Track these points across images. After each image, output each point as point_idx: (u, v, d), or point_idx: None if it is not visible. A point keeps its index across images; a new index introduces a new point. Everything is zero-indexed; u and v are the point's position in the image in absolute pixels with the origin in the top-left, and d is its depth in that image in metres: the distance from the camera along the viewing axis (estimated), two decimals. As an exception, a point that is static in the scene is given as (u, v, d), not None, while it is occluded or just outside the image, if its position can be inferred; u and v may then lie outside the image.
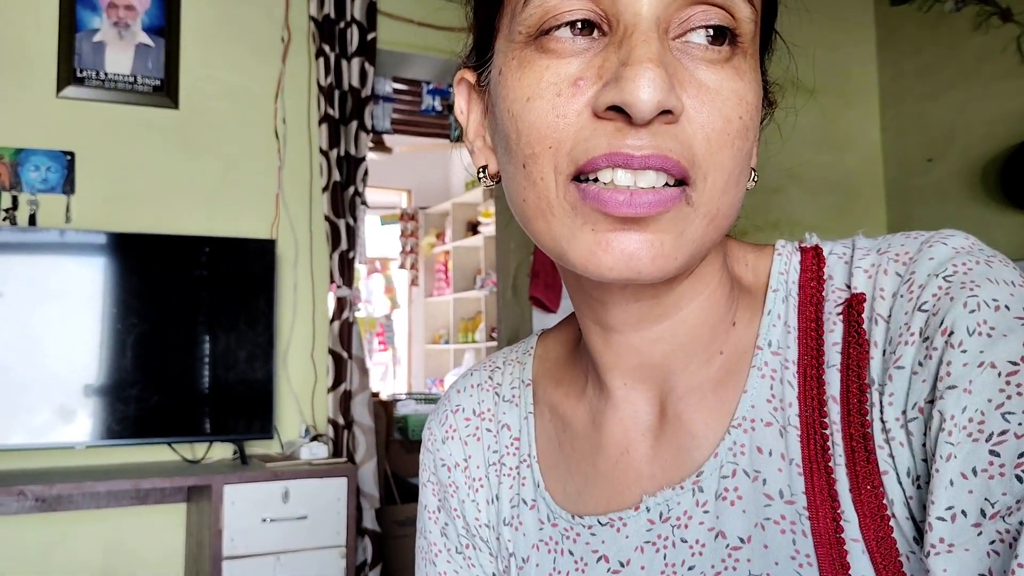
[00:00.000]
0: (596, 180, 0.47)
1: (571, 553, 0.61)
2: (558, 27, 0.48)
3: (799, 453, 0.53)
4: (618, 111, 0.45)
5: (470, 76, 0.58)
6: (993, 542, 0.42)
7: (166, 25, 2.93)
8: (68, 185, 2.74)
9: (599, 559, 0.59)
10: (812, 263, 0.57)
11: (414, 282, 7.22)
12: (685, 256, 0.48)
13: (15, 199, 2.67)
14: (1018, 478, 0.42)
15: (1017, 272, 0.50)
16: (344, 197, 3.06)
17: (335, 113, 3.06)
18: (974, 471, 0.44)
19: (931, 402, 0.47)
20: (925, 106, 4.09)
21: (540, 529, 0.64)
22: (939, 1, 4.01)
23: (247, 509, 2.40)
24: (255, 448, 2.87)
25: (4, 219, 2.64)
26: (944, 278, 0.49)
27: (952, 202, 3.89)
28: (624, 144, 0.45)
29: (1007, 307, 0.47)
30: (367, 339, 6.64)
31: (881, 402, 0.50)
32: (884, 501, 0.49)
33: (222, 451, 2.83)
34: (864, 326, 0.52)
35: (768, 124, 0.60)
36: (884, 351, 0.51)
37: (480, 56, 0.57)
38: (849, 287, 0.54)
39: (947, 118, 3.96)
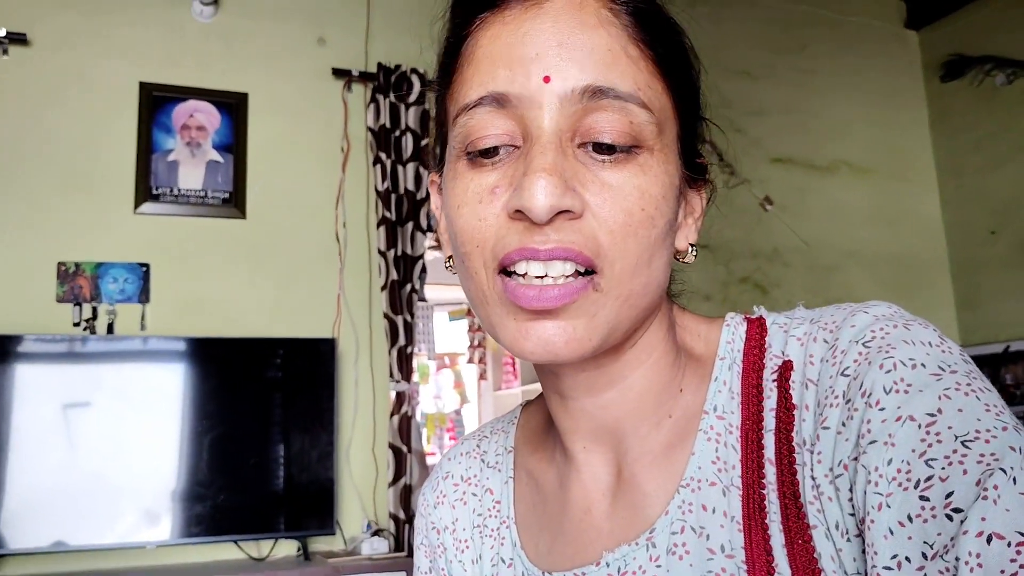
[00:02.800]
0: (514, 273, 0.53)
1: None
2: (481, 149, 0.55)
3: (739, 511, 0.56)
4: (523, 213, 0.52)
5: (436, 178, 0.66)
6: None
7: (234, 142, 3.13)
8: (143, 295, 2.91)
9: None
10: (756, 332, 0.62)
11: (482, 376, 7.26)
12: (599, 337, 0.54)
13: (95, 310, 2.85)
14: (948, 517, 0.44)
15: (936, 333, 0.53)
16: (402, 295, 3.17)
17: (392, 215, 3.20)
18: (909, 518, 0.46)
19: (855, 459, 0.50)
20: (984, 179, 4.05)
21: None
22: (989, 76, 4.01)
23: (309, 605, 2.43)
24: (319, 544, 2.92)
25: (85, 328, 2.81)
26: (863, 344, 0.53)
27: (1019, 270, 3.80)
28: (531, 240, 0.52)
29: (923, 364, 0.50)
30: (437, 434, 6.69)
31: (811, 460, 0.53)
32: (815, 555, 0.52)
33: (287, 548, 2.88)
34: (794, 391, 0.56)
35: (713, 201, 0.66)
36: (814, 413, 0.54)
37: (439, 163, 0.64)
38: (783, 354, 0.58)
39: (1007, 190, 3.92)
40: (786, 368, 0.58)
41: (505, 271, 0.54)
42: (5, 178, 2.81)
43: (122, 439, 2.65)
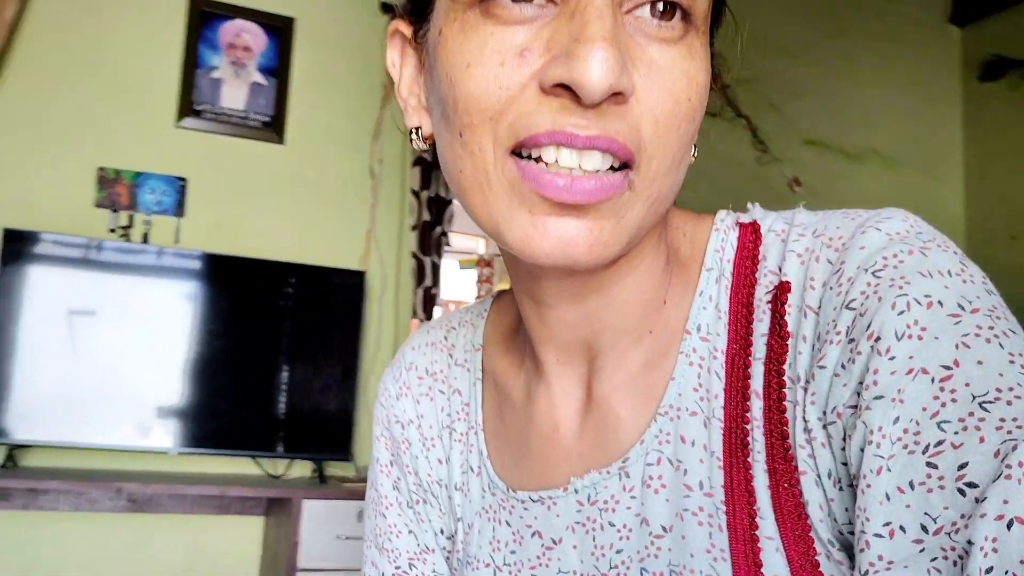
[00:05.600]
0: (538, 159, 0.44)
1: (508, 524, 0.61)
2: None
3: (720, 446, 0.51)
4: (565, 88, 0.42)
5: (405, 29, 0.54)
6: (935, 559, 0.39)
7: (278, 66, 3.13)
8: (179, 208, 2.93)
9: (533, 534, 0.60)
10: (749, 240, 0.53)
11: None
12: (623, 243, 0.46)
13: (131, 218, 2.86)
14: (960, 491, 0.38)
15: (957, 257, 0.46)
16: (432, 236, 3.20)
17: (428, 157, 3.21)
18: (911, 484, 0.40)
19: (854, 411, 0.44)
20: (1011, 183, 4.07)
21: (483, 497, 0.64)
22: (1028, 80, 4.02)
23: (322, 525, 2.50)
24: (333, 470, 2.98)
25: (121, 236, 2.83)
26: (873, 273, 0.45)
27: (1036, 279, 3.85)
28: (569, 123, 0.43)
29: (940, 303, 0.43)
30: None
31: (804, 400, 0.47)
32: (801, 500, 0.47)
33: (301, 470, 2.94)
34: (790, 317, 0.49)
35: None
36: (812, 346, 0.48)
37: (419, 10, 0.52)
38: (780, 272, 0.51)
39: (1033, 196, 3.94)
40: (782, 291, 0.50)
41: (517, 154, 0.45)
42: (52, 82, 2.81)
43: (144, 347, 2.70)
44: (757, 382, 0.50)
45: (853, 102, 4.15)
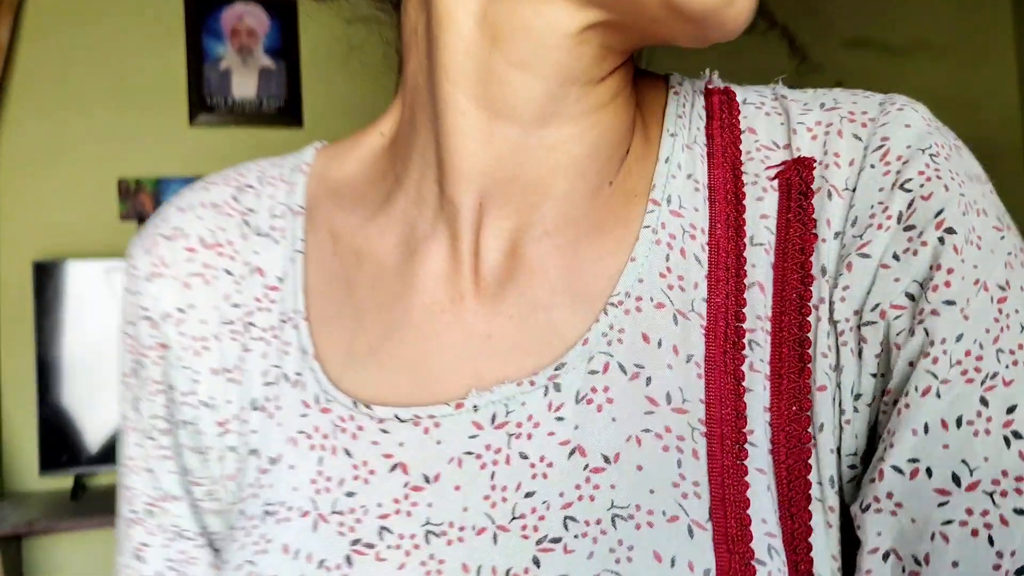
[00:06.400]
0: None
1: (348, 454, 0.42)
2: None
3: (701, 350, 0.40)
4: None
5: None
6: (951, 522, 0.34)
7: (285, 47, 3.01)
8: (206, 210, 2.86)
9: (393, 468, 0.41)
10: (723, 110, 0.45)
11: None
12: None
13: (160, 227, 2.81)
14: (1005, 440, 0.34)
15: (977, 163, 0.41)
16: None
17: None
18: (958, 421, 0.35)
19: (900, 308, 0.37)
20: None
21: (303, 416, 0.44)
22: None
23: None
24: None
25: (151, 247, 2.78)
26: (931, 156, 0.39)
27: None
28: None
29: (985, 211, 0.38)
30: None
31: (832, 296, 0.39)
32: (810, 429, 0.38)
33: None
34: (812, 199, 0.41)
35: None
36: (839, 233, 0.40)
37: None
38: (785, 147, 0.42)
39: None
40: (804, 167, 0.41)
41: None
42: (59, 96, 2.74)
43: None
44: (760, 273, 0.41)
45: (893, -8, 3.91)
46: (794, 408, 0.39)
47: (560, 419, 0.40)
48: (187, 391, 0.48)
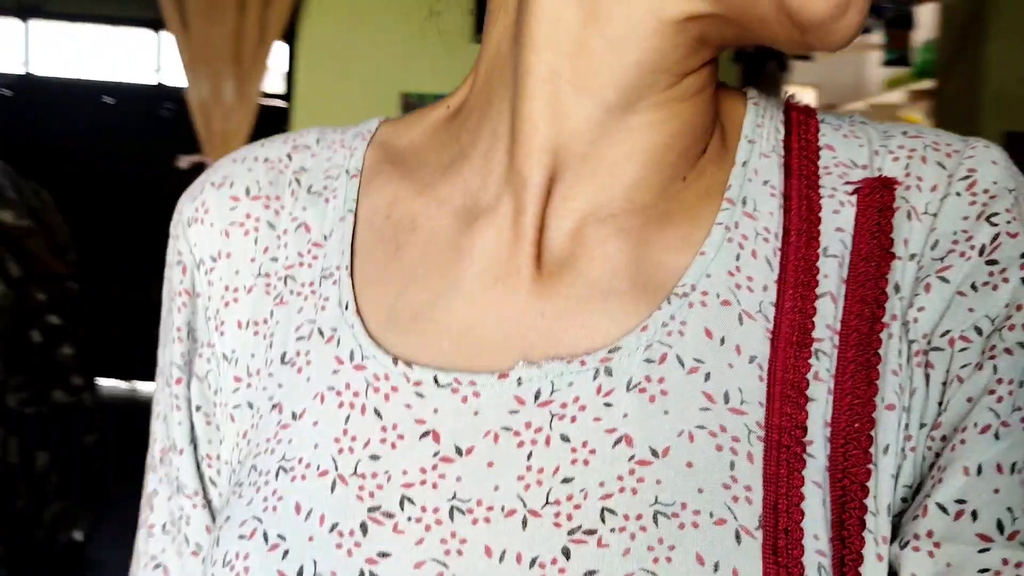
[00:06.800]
0: None
1: (377, 414, 0.41)
2: None
3: (765, 353, 0.39)
4: None
5: None
6: (987, 571, 0.34)
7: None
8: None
9: (423, 435, 0.40)
10: (801, 125, 0.45)
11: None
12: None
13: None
14: None
15: None
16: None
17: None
18: (1013, 467, 0.35)
19: (967, 341, 0.38)
20: None
21: (335, 372, 0.42)
22: None
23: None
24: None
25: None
26: (1016, 198, 0.40)
27: None
28: None
29: None
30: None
31: (904, 315, 0.40)
32: (871, 449, 0.37)
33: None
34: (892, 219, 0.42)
35: None
36: (915, 255, 0.41)
37: None
38: (863, 167, 0.43)
39: None
40: (886, 186, 0.42)
41: None
42: (349, 8, 2.90)
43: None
44: (831, 283, 0.41)
45: None
46: (856, 425, 0.38)
47: (608, 405, 0.38)
48: (206, 342, 0.48)
